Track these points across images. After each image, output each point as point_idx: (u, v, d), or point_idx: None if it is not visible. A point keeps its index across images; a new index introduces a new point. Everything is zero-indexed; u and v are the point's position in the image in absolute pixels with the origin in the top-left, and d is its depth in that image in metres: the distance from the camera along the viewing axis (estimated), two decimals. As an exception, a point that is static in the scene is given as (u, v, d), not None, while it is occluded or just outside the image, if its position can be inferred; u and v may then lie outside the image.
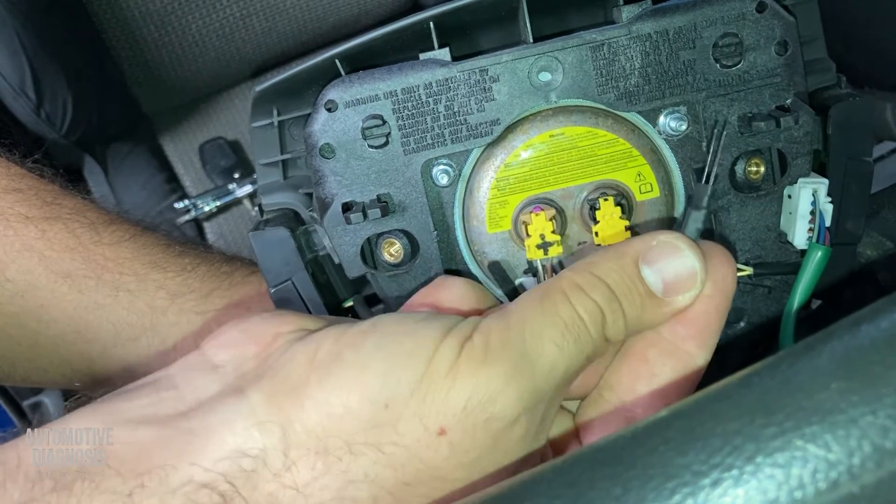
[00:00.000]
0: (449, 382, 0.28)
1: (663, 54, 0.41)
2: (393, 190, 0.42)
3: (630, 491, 0.22)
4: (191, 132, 1.26)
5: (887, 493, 0.20)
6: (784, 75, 0.42)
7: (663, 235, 0.33)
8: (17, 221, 0.50)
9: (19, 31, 0.93)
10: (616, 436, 0.24)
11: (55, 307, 0.50)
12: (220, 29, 1.11)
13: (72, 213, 0.53)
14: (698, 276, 0.32)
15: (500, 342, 0.29)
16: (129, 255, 0.53)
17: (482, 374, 0.28)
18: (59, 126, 1.03)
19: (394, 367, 0.28)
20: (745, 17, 0.41)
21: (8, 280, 0.49)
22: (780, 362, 0.24)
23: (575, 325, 0.30)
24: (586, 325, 0.30)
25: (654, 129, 0.43)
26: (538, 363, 0.29)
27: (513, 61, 0.41)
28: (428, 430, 0.27)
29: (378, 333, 0.30)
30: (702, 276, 0.32)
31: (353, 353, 0.29)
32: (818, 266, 0.42)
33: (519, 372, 0.28)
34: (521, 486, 0.24)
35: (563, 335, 0.30)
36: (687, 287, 0.32)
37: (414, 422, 0.27)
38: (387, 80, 0.41)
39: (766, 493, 0.21)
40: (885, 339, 0.23)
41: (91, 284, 0.51)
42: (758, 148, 0.43)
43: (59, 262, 0.50)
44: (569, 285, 0.31)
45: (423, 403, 0.27)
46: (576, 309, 0.30)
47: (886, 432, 0.20)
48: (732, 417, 0.22)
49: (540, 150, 0.42)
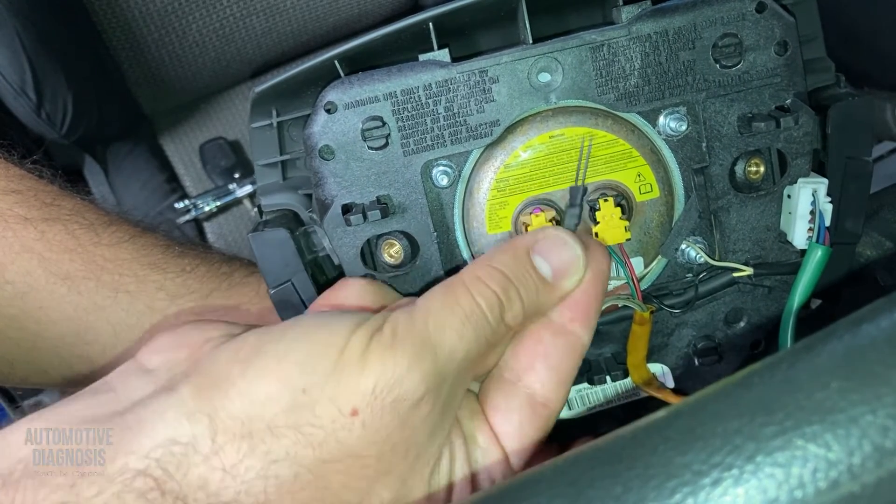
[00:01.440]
0: (360, 368, 0.31)
1: (663, 55, 0.41)
2: (393, 191, 0.42)
3: (630, 490, 0.22)
4: (191, 132, 1.26)
5: (887, 493, 0.20)
6: (784, 75, 0.42)
7: (549, 230, 0.38)
8: (17, 223, 0.50)
9: (20, 31, 0.93)
10: (616, 435, 0.24)
11: (54, 309, 0.50)
12: (220, 29, 1.11)
13: (71, 215, 0.53)
14: (581, 262, 0.37)
15: (405, 331, 0.32)
16: (129, 256, 0.53)
17: (389, 360, 0.31)
18: (60, 126, 1.03)
19: (310, 356, 0.31)
20: (744, 18, 0.41)
21: (7, 282, 0.49)
22: (780, 362, 0.24)
23: (474, 314, 0.34)
24: (485, 313, 0.34)
25: (653, 130, 0.43)
26: (440, 349, 0.32)
27: (512, 62, 0.41)
28: (342, 411, 0.30)
29: (296, 328, 0.33)
30: (584, 263, 0.37)
31: (273, 346, 0.32)
32: (818, 266, 0.42)
33: (421, 357, 0.31)
34: (521, 486, 0.25)
35: (462, 323, 0.33)
36: (572, 272, 0.37)
37: (329, 405, 0.30)
38: (386, 81, 0.41)
39: (767, 492, 0.21)
40: (885, 339, 0.23)
41: (90, 286, 0.51)
42: (757, 148, 0.43)
43: (58, 263, 0.50)
44: (469, 278, 0.35)
45: (337, 388, 0.30)
46: (475, 299, 0.34)
47: (886, 431, 0.20)
48: (732, 417, 0.22)
49: (540, 151, 0.42)
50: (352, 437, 0.30)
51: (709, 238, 0.44)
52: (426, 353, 0.32)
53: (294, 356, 0.31)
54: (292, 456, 0.30)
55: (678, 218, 0.44)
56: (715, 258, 0.44)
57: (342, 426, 0.30)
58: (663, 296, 0.45)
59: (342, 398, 0.30)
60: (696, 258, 0.44)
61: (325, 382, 0.30)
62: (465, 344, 0.33)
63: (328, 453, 0.30)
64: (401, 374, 0.31)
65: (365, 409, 0.30)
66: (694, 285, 0.45)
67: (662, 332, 0.46)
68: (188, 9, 1.07)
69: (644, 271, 0.45)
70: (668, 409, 0.24)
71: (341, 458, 0.30)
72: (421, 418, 0.32)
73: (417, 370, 0.31)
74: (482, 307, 0.34)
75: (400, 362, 0.31)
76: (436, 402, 0.32)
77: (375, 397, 0.30)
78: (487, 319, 0.34)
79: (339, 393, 0.30)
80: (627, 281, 0.43)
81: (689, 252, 0.44)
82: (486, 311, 0.34)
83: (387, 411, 0.31)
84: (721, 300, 0.46)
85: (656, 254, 0.44)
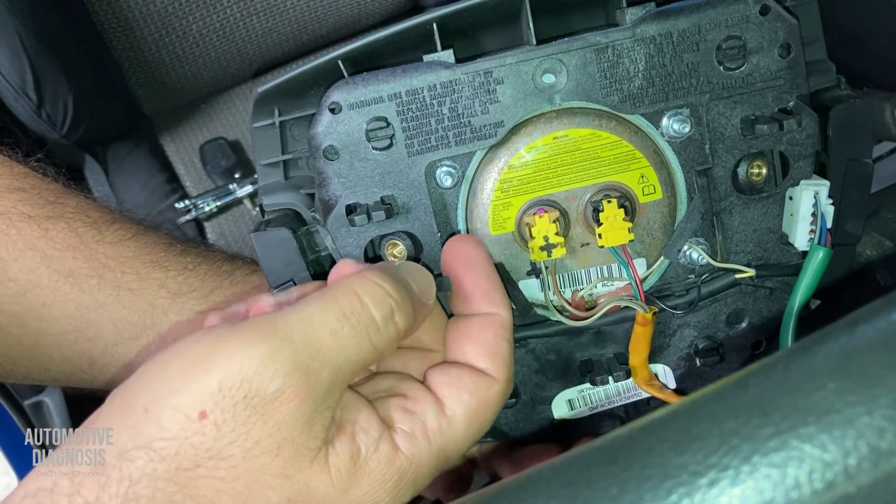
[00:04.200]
0: (203, 369, 0.30)
1: (667, 57, 0.41)
2: (397, 192, 0.42)
3: (627, 491, 0.22)
4: (191, 132, 1.26)
5: (883, 494, 0.20)
6: (787, 78, 0.42)
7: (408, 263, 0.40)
8: (20, 220, 0.50)
9: (20, 32, 0.93)
10: (613, 435, 0.24)
11: (57, 306, 0.50)
12: (220, 29, 1.11)
13: (74, 212, 0.53)
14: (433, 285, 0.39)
15: (259, 327, 0.32)
16: (131, 253, 0.53)
17: (235, 357, 0.30)
18: (60, 126, 1.03)
19: (153, 375, 0.32)
20: (748, 20, 0.41)
21: (10, 279, 0.49)
22: (776, 363, 0.24)
23: (355, 313, 0.33)
24: (370, 311, 0.34)
25: (657, 132, 0.43)
26: (302, 344, 0.31)
27: (517, 63, 0.41)
28: (189, 416, 0.30)
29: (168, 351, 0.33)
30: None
31: (134, 378, 0.32)
32: (819, 268, 0.42)
33: (277, 351, 0.31)
34: (518, 486, 0.25)
35: (338, 321, 0.33)
36: (430, 292, 0.38)
37: (174, 413, 0.30)
38: (391, 82, 0.41)
39: (763, 493, 0.21)
40: (882, 340, 0.23)
41: (93, 283, 0.51)
42: (760, 150, 0.43)
43: (61, 261, 0.50)
44: (357, 279, 0.35)
45: (179, 395, 0.30)
46: (361, 297, 0.34)
47: (882, 433, 0.21)
48: (729, 417, 0.22)
49: (543, 152, 0.42)
50: (207, 440, 0.30)
51: (711, 239, 0.45)
52: (283, 348, 0.31)
53: (139, 382, 0.32)
54: (149, 473, 0.29)
55: (681, 219, 0.44)
56: (717, 260, 0.45)
57: (194, 431, 0.30)
58: (665, 297, 0.46)
59: (187, 403, 0.30)
60: (698, 259, 0.44)
61: (167, 393, 0.30)
62: (339, 342, 0.32)
63: (186, 461, 0.30)
64: (250, 369, 0.30)
65: (214, 410, 0.30)
66: (696, 286, 0.45)
67: (664, 332, 0.47)
68: (188, 9, 1.07)
69: (646, 272, 0.45)
70: (665, 409, 0.24)
71: (202, 462, 0.30)
72: (287, 414, 0.31)
73: (271, 365, 0.30)
74: (368, 305, 0.34)
75: (250, 357, 0.30)
76: (305, 396, 0.31)
77: (224, 396, 0.30)
78: (374, 319, 0.34)
79: (182, 399, 0.30)
80: (630, 282, 0.43)
81: (692, 253, 0.44)
82: (373, 308, 0.34)
83: (240, 408, 0.30)
84: (723, 301, 0.46)
85: (659, 255, 0.45)
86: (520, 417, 0.48)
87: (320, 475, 0.32)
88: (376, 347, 0.34)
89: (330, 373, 0.32)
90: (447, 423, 0.36)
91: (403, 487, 0.34)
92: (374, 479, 0.33)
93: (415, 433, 0.35)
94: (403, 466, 0.34)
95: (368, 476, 0.33)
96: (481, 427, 0.37)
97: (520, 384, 0.47)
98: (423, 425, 0.35)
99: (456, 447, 0.36)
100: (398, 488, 0.34)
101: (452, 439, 0.36)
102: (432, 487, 0.51)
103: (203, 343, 0.32)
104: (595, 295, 0.45)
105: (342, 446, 0.33)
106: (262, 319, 0.32)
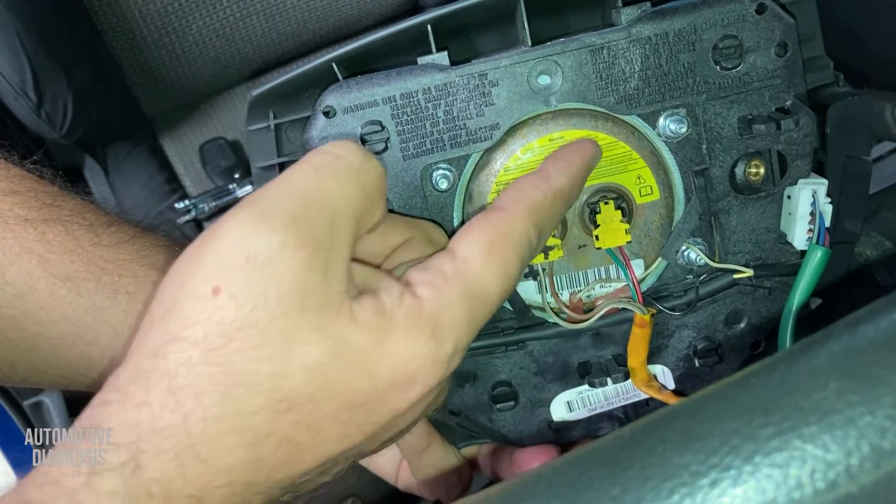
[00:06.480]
0: (201, 255, 0.31)
1: (663, 57, 0.41)
2: (392, 195, 0.42)
3: (628, 491, 0.22)
4: (191, 132, 1.26)
5: (885, 494, 0.20)
6: (784, 77, 0.42)
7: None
8: (17, 224, 0.50)
9: (20, 32, 0.93)
10: (614, 435, 0.24)
11: (54, 309, 0.50)
12: (220, 29, 1.11)
13: (71, 215, 0.53)
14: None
15: (244, 204, 0.32)
16: (129, 256, 0.53)
17: (227, 232, 0.31)
18: (60, 126, 1.03)
19: (162, 289, 0.32)
20: (744, 19, 0.41)
21: (7, 283, 0.49)
22: (777, 363, 0.24)
23: (330, 162, 0.33)
24: (345, 158, 0.33)
25: (653, 132, 0.43)
26: (291, 199, 0.31)
27: (512, 65, 0.41)
28: (204, 296, 0.30)
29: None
30: None
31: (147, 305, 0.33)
32: (818, 267, 0.42)
33: (267, 212, 0.31)
34: (519, 486, 0.25)
35: (316, 172, 0.33)
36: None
37: (189, 300, 0.30)
38: (385, 85, 0.41)
39: (765, 493, 0.21)
40: (883, 339, 0.23)
41: (90, 287, 0.51)
42: (758, 150, 0.43)
43: (58, 264, 0.50)
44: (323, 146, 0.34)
45: (187, 285, 0.30)
46: (332, 151, 0.34)
47: (884, 433, 0.20)
48: (730, 417, 0.22)
49: (540, 154, 0.42)
50: (229, 313, 0.30)
51: (709, 240, 0.44)
52: (271, 207, 0.31)
53: (153, 299, 0.32)
54: (184, 363, 0.29)
55: (678, 220, 0.44)
56: (715, 260, 0.44)
57: (214, 308, 0.30)
58: (663, 298, 0.45)
59: (197, 286, 0.30)
60: (696, 260, 0.44)
61: (177, 289, 0.31)
62: (324, 188, 0.32)
63: (217, 339, 0.30)
64: (244, 232, 0.30)
65: (224, 282, 0.30)
66: (694, 287, 0.45)
67: (663, 333, 0.46)
68: (188, 9, 1.07)
69: (644, 273, 0.45)
70: (666, 409, 0.24)
71: (232, 335, 0.30)
72: (299, 265, 0.30)
73: (264, 222, 0.30)
74: (341, 156, 0.34)
75: (240, 224, 0.30)
76: (312, 246, 0.31)
77: (228, 265, 0.30)
78: (350, 162, 0.33)
79: (194, 283, 0.30)
80: (628, 283, 0.43)
81: (690, 254, 0.44)
82: (347, 155, 0.34)
83: (248, 271, 0.30)
84: (721, 302, 0.46)
85: (657, 256, 0.45)
86: (518, 419, 0.48)
87: (351, 327, 0.31)
88: (363, 188, 0.34)
89: (328, 218, 0.32)
90: (463, 263, 0.35)
91: (442, 334, 0.33)
92: (407, 330, 0.32)
93: (435, 281, 0.34)
94: (433, 312, 0.33)
95: (400, 328, 0.32)
96: (505, 262, 0.35)
97: (518, 386, 0.47)
98: (441, 272, 0.34)
99: (482, 283, 0.35)
100: (436, 337, 0.33)
101: (474, 275, 0.34)
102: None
103: (194, 245, 0.32)
104: (593, 297, 0.45)
105: (366, 302, 0.32)
106: (241, 201, 0.32)
